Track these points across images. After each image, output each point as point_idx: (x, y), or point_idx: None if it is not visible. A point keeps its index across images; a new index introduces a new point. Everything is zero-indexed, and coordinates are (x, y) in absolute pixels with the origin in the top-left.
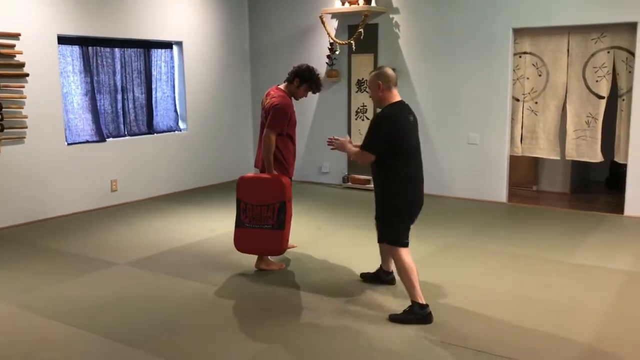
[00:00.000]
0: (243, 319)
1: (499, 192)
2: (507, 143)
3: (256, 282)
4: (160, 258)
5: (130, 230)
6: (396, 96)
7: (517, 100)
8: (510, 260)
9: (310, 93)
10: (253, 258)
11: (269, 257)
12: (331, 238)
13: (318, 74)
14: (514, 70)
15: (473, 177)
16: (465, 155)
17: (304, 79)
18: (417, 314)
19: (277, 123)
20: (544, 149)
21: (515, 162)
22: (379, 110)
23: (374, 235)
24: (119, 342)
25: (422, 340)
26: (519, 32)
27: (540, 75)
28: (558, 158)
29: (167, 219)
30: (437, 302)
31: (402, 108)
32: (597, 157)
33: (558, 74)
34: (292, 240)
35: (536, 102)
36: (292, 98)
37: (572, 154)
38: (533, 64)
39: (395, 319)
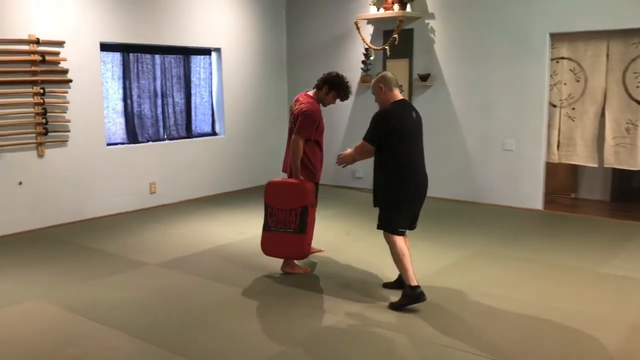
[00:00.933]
0: (265, 320)
1: (535, 199)
2: (543, 149)
3: (280, 285)
4: (190, 259)
5: (164, 231)
6: (397, 95)
7: (554, 106)
8: (540, 269)
9: (338, 101)
10: (279, 261)
11: (295, 260)
12: (359, 243)
13: (347, 82)
14: (551, 75)
15: (508, 184)
16: (500, 162)
17: (333, 86)
18: (409, 295)
19: (305, 129)
20: (582, 156)
21: (553, 169)
22: (380, 109)
23: None
24: (143, 341)
25: (442, 348)
26: (556, 37)
27: (578, 81)
28: (596, 165)
29: (201, 221)
30: (461, 310)
31: (403, 106)
32: (637, 164)
33: (597, 79)
34: (320, 245)
35: (574, 108)
36: (321, 105)
37: (610, 161)
38: (570, 69)
39: (393, 306)
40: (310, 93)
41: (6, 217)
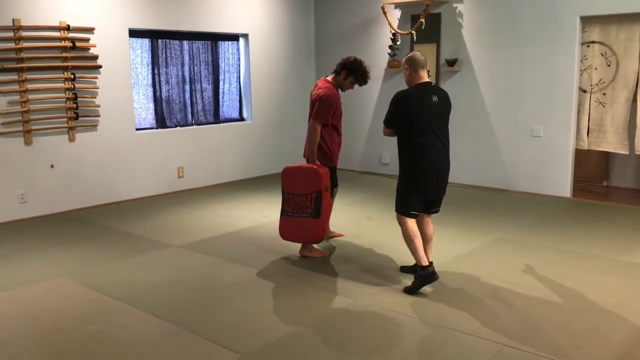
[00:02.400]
0: (279, 301)
1: (563, 186)
2: (572, 136)
3: (297, 268)
4: (213, 241)
5: (190, 214)
6: (422, 78)
7: (584, 91)
8: (561, 257)
9: (361, 86)
10: (299, 244)
11: (313, 244)
12: (380, 228)
13: (365, 67)
14: (581, 60)
15: (537, 171)
16: (528, 148)
17: (351, 71)
18: (421, 276)
19: (321, 114)
20: (612, 143)
21: (585, 156)
22: None
23: None
24: (161, 319)
25: (451, 331)
26: (587, 20)
27: (609, 66)
28: (627, 152)
29: (227, 205)
30: (476, 296)
31: (423, 89)
32: None
33: (629, 63)
34: (340, 229)
35: (604, 94)
36: (339, 89)
37: None
38: (602, 54)
39: (407, 290)
40: (329, 78)
41: (38, 199)
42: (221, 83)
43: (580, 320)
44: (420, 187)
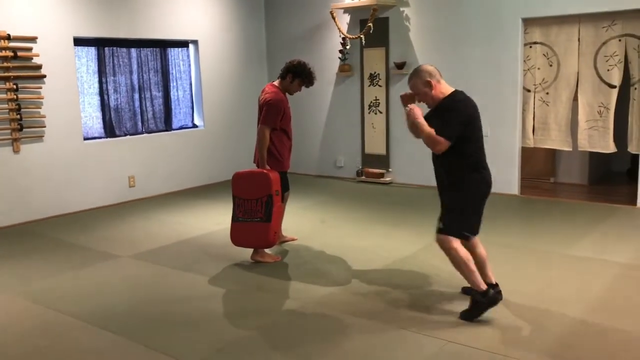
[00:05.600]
0: (229, 307)
1: (511, 184)
2: (518, 135)
3: (249, 273)
4: (164, 250)
5: (142, 224)
6: (448, 86)
7: (528, 91)
8: (506, 253)
9: (310, 88)
10: (251, 250)
11: (266, 249)
12: (333, 231)
13: (310, 68)
14: (524, 60)
15: None
16: None
17: (296, 74)
18: (480, 302)
19: (270, 118)
20: (556, 140)
21: (531, 153)
22: (441, 102)
23: (376, 228)
24: (107, 331)
25: (395, 330)
26: (528, 22)
27: (551, 66)
28: (570, 149)
29: (179, 213)
30: (420, 294)
31: (465, 94)
32: (609, 147)
33: (569, 63)
34: (293, 233)
35: (547, 93)
36: (287, 94)
37: (584, 144)
38: (544, 54)
39: (465, 316)
40: (276, 83)
41: None
42: (172, 90)
43: (523, 314)
44: (483, 199)
